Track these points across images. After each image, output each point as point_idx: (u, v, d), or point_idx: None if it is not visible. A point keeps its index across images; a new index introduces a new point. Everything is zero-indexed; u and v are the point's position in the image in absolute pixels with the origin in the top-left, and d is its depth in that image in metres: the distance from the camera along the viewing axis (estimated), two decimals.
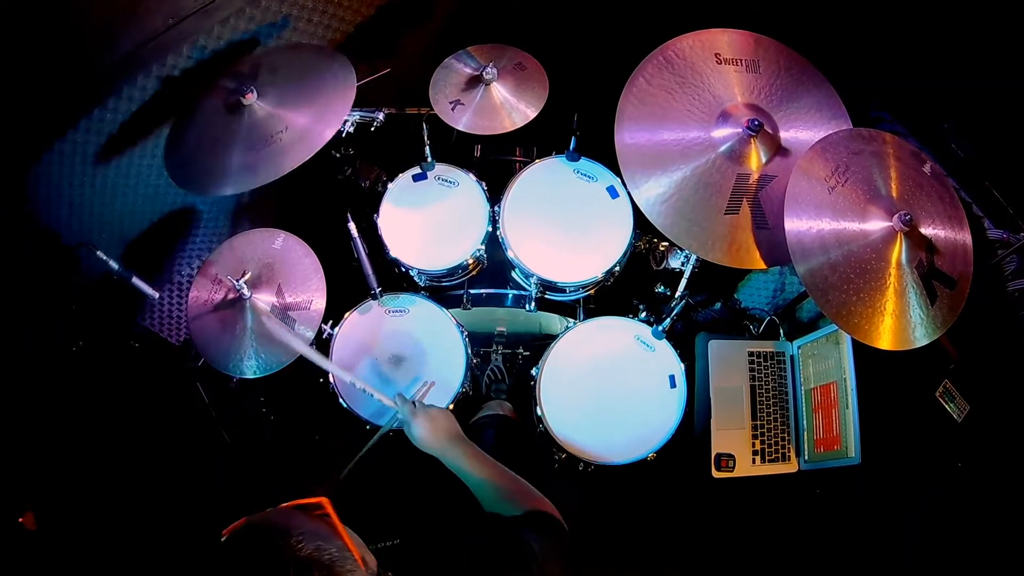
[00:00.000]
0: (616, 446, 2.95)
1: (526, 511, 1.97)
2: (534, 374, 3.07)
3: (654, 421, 2.99)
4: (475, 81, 3.03)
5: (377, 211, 3.20)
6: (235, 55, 3.01)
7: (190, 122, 2.83)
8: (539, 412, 2.99)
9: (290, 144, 2.68)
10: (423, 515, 2.80)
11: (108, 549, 2.84)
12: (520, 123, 2.99)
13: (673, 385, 3.05)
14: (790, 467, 3.11)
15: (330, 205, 3.21)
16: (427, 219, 3.22)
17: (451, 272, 3.20)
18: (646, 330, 3.12)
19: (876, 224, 2.43)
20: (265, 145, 2.69)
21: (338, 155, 2.83)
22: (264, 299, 2.91)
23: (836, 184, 2.47)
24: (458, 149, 3.44)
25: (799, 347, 3.26)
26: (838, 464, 2.92)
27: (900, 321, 2.41)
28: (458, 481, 2.20)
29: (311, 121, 2.72)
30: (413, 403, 2.43)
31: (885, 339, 2.39)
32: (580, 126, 3.09)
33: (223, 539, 1.37)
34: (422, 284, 3.30)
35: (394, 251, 3.14)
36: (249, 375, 2.88)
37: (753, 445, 3.12)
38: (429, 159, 3.22)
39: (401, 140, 3.18)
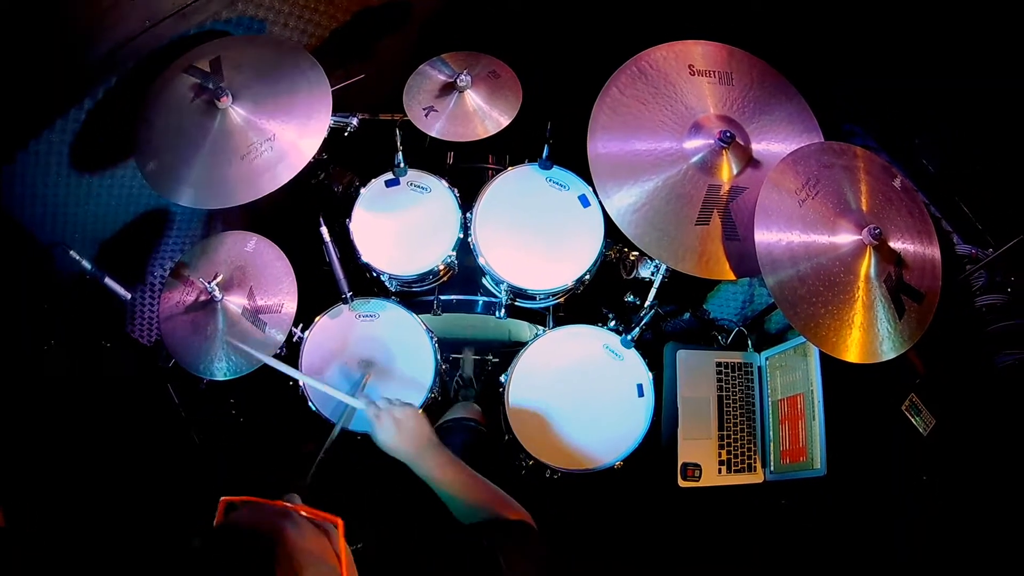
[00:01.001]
0: (583, 453, 2.89)
1: (497, 518, 1.93)
2: (503, 381, 3.01)
3: (621, 429, 2.93)
4: (449, 88, 3.00)
5: (349, 216, 3.14)
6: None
7: (161, 116, 2.73)
8: (507, 419, 2.93)
9: (273, 161, 2.63)
10: (388, 520, 2.74)
11: (77, 545, 2.79)
12: (493, 131, 2.96)
13: (641, 394, 2.98)
14: (756, 478, 3.08)
15: (303, 209, 3.17)
16: (399, 225, 3.16)
17: (422, 278, 3.14)
18: (615, 339, 3.06)
19: (846, 237, 2.40)
20: (246, 158, 2.63)
21: (312, 160, 2.77)
22: (235, 301, 2.86)
23: (806, 197, 2.44)
24: (431, 155, 3.39)
25: (767, 358, 3.24)
26: (804, 476, 2.90)
27: (868, 334, 2.38)
28: (424, 485, 2.13)
29: (294, 136, 2.67)
30: (377, 404, 2.32)
31: (852, 352, 2.36)
32: (553, 135, 3.03)
33: (218, 521, 1.36)
34: (393, 289, 3.24)
35: (366, 256, 3.08)
36: (219, 377, 2.83)
37: (719, 455, 3.09)
38: (402, 165, 3.15)
39: (374, 145, 3.12)
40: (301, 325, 2.99)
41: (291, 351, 2.98)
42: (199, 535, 1.31)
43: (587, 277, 3.09)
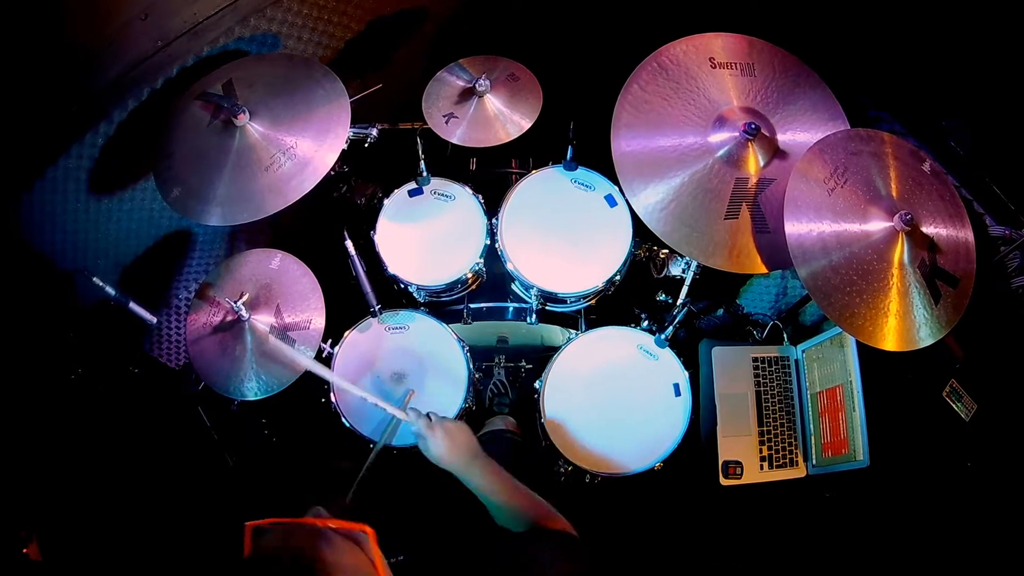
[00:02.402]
0: (622, 457, 2.92)
1: (542, 528, 1.96)
2: (537, 387, 3.05)
3: (660, 430, 2.96)
4: (468, 93, 3.03)
5: (374, 228, 3.19)
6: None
7: (179, 143, 2.78)
8: (544, 425, 2.96)
9: (293, 171, 2.66)
10: (433, 531, 2.77)
11: (116, 569, 2.82)
12: (515, 134, 2.98)
13: (678, 393, 3.02)
14: (798, 472, 3.09)
15: (326, 223, 3.21)
16: (424, 234, 3.20)
17: (450, 287, 3.18)
18: (649, 339, 3.10)
19: (877, 225, 2.42)
20: (270, 169, 2.67)
21: (333, 172, 2.80)
22: (263, 320, 2.89)
23: (835, 185, 2.45)
24: (453, 163, 3.44)
25: (803, 351, 3.26)
26: (847, 468, 2.91)
27: (904, 322, 2.39)
28: (469, 495, 2.15)
29: (312, 146, 2.69)
30: (428, 416, 2.33)
31: (890, 340, 2.37)
32: (576, 135, 3.09)
33: (248, 548, 1.39)
34: (421, 300, 3.28)
35: (392, 267, 3.12)
36: (250, 397, 2.85)
37: (760, 451, 3.10)
38: (424, 173, 3.21)
39: (396, 155, 3.17)
40: (331, 340, 3.03)
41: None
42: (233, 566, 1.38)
43: (617, 278, 3.13)
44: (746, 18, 2.95)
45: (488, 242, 3.14)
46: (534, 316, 3.24)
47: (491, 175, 3.59)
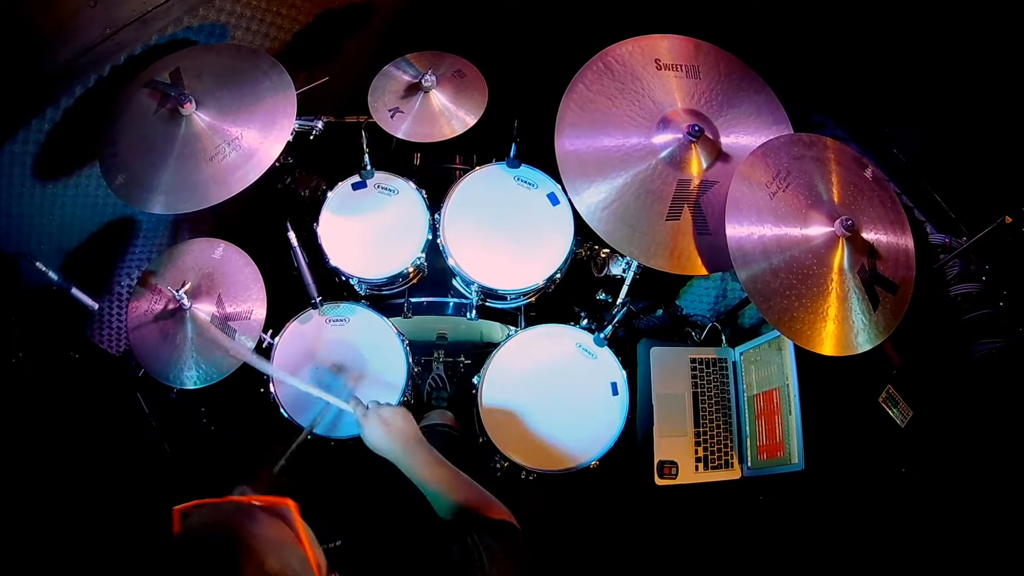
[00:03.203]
0: (558, 454, 2.83)
1: (481, 517, 1.89)
2: (476, 382, 2.95)
3: (596, 429, 2.87)
4: (414, 89, 2.93)
5: (317, 220, 3.09)
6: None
7: (125, 131, 2.65)
8: (481, 420, 2.86)
9: (237, 162, 2.55)
10: (371, 516, 2.69)
11: (51, 555, 2.70)
12: (460, 130, 2.90)
13: (615, 392, 2.93)
14: (733, 474, 3.03)
15: (269, 214, 3.11)
16: (367, 227, 3.11)
17: (391, 281, 3.09)
18: (588, 337, 3.01)
19: (818, 229, 2.35)
20: (215, 159, 2.55)
21: (277, 164, 2.69)
22: (204, 309, 2.76)
23: (777, 189, 2.38)
24: (397, 157, 3.36)
25: (741, 353, 3.19)
26: (781, 471, 2.85)
27: (842, 327, 2.33)
28: (407, 486, 2.07)
29: (257, 137, 2.58)
30: (365, 405, 2.25)
31: (828, 345, 2.31)
32: (520, 133, 3.02)
33: (176, 530, 1.37)
34: (363, 293, 3.19)
35: (334, 260, 3.03)
36: (189, 386, 2.73)
37: (696, 452, 3.03)
38: (368, 167, 3.11)
39: (340, 148, 3.09)
40: (271, 331, 2.93)
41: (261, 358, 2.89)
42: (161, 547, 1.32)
43: (558, 276, 3.05)
44: (693, 21, 2.87)
45: (430, 237, 3.05)
46: (474, 312, 3.16)
47: (435, 170, 3.51)
